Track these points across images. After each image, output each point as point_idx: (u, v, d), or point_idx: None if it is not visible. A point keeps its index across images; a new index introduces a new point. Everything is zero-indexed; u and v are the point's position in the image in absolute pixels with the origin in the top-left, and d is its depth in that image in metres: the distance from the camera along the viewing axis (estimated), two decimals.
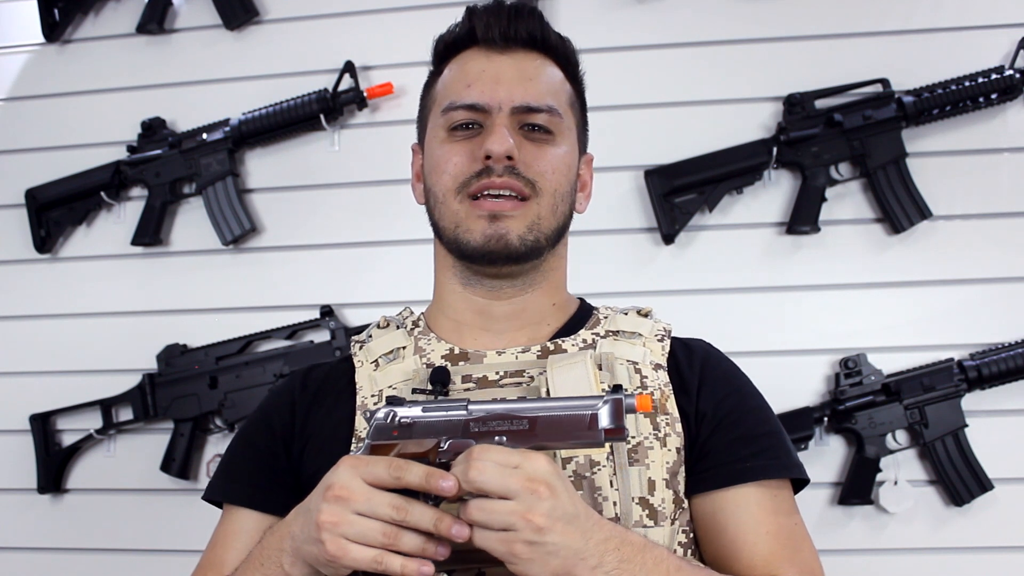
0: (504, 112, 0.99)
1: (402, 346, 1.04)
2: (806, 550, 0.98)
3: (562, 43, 1.06)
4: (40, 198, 2.04)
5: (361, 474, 0.79)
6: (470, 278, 1.03)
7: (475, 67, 1.02)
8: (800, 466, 1.00)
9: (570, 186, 1.04)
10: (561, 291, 1.09)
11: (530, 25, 1.03)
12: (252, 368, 1.92)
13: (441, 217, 1.02)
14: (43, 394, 2.01)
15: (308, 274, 1.97)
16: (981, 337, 1.78)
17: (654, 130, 1.89)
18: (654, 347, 1.02)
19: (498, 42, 1.02)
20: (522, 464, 0.77)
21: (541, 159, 1.00)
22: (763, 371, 1.81)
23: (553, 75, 1.05)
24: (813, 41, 1.87)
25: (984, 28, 1.83)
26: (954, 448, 1.73)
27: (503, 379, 0.99)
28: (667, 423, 0.97)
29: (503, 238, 0.98)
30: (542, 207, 1.00)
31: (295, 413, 1.05)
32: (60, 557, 1.99)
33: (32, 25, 2.08)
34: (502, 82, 1.00)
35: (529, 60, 1.03)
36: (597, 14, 1.93)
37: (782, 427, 1.03)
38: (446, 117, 1.02)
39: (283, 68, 2.01)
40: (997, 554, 1.75)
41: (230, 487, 1.05)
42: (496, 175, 0.98)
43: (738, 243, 1.87)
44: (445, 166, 1.01)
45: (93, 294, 2.04)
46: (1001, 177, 1.81)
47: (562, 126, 1.03)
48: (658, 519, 0.93)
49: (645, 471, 0.94)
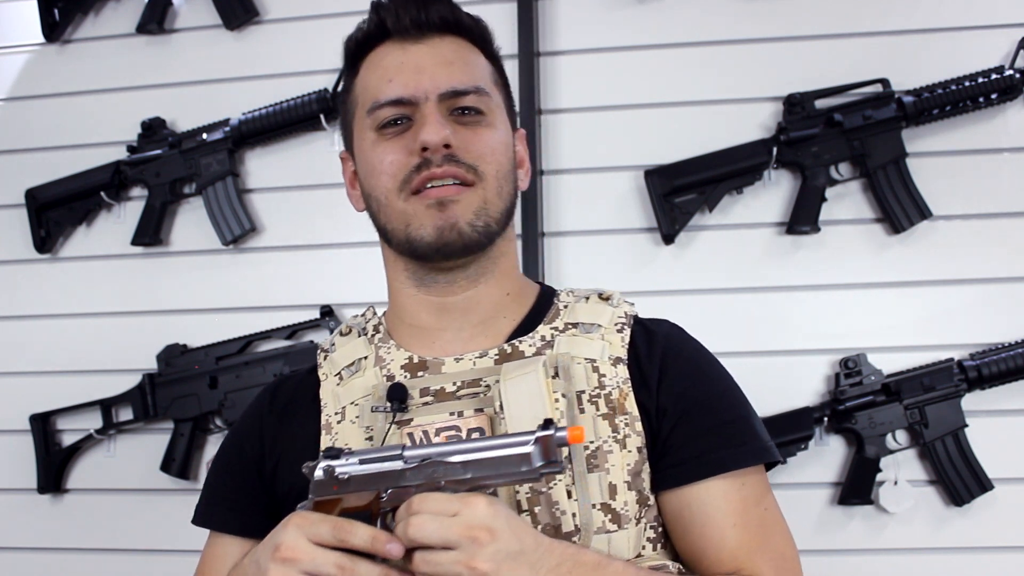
0: (432, 100, 0.96)
1: (363, 356, 1.02)
2: (777, 535, 0.96)
3: (475, 22, 1.03)
4: (40, 198, 2.04)
5: (307, 534, 0.81)
6: (423, 277, 1.01)
7: (393, 61, 0.99)
8: (767, 448, 0.97)
9: (510, 165, 1.02)
10: (513, 279, 1.05)
11: (441, 9, 1.00)
12: (252, 368, 1.92)
13: (388, 219, 0.99)
14: (43, 394, 2.01)
15: (308, 274, 1.97)
16: (981, 337, 1.78)
17: (654, 130, 1.89)
18: (613, 339, 0.99)
19: (411, 31, 0.99)
20: (461, 511, 0.78)
21: (478, 142, 0.97)
22: (763, 371, 1.84)
23: (473, 56, 1.02)
24: (813, 41, 1.87)
25: (984, 28, 1.83)
26: (954, 448, 1.73)
27: (460, 390, 0.96)
28: (626, 423, 0.95)
29: (455, 227, 0.95)
30: (488, 191, 0.97)
31: (264, 433, 1.04)
32: (60, 557, 1.99)
33: (32, 25, 2.08)
34: (424, 70, 0.97)
35: (446, 44, 1.00)
36: (597, 14, 1.93)
37: (750, 409, 1.00)
38: (372, 117, 0.99)
39: (283, 68, 2.01)
40: (997, 554, 1.75)
41: (212, 513, 1.06)
42: (436, 165, 0.95)
43: (738, 243, 1.86)
44: (381, 167, 0.97)
45: (93, 294, 2.04)
46: (1001, 177, 1.81)
47: (492, 105, 1.00)
48: (621, 522, 0.92)
49: (605, 476, 0.92)
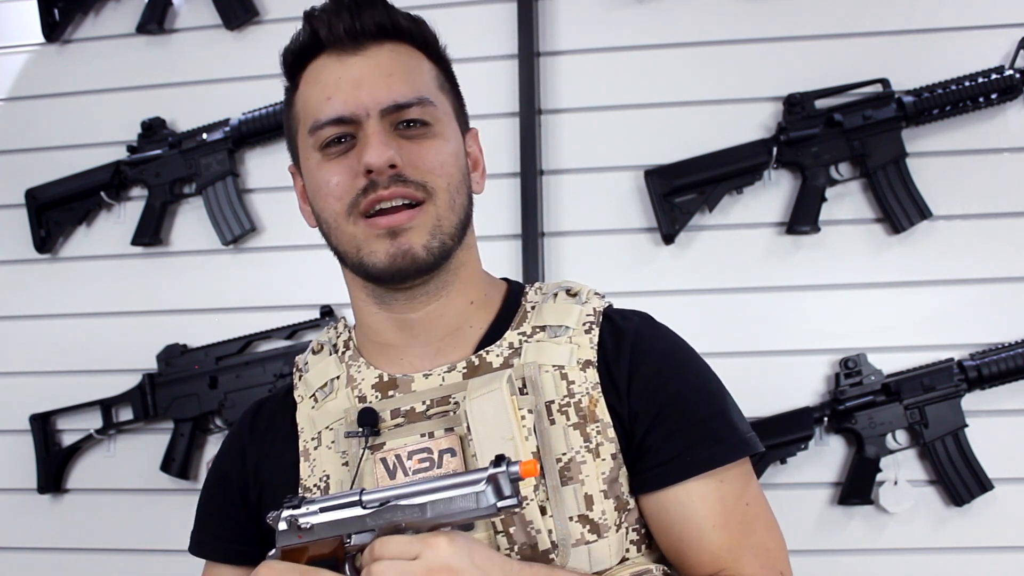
0: (374, 117, 0.91)
1: (335, 376, 1.00)
2: (760, 530, 0.94)
3: (415, 24, 0.97)
4: (40, 198, 2.04)
5: None
6: (383, 295, 0.97)
7: (331, 76, 0.94)
8: (745, 442, 0.94)
9: (462, 174, 0.97)
10: (478, 286, 1.01)
11: (376, 15, 0.94)
12: (252, 368, 1.92)
13: (339, 242, 0.95)
14: (43, 394, 2.01)
15: (308, 274, 1.97)
16: (981, 337, 1.78)
17: (654, 130, 1.89)
18: (581, 341, 0.95)
19: (347, 42, 0.94)
20: (422, 552, 0.77)
21: (425, 157, 0.93)
22: (763, 371, 1.85)
23: (415, 63, 0.96)
24: (813, 41, 1.87)
25: (984, 28, 1.83)
26: (954, 448, 1.73)
27: (430, 409, 0.94)
28: (598, 431, 0.92)
29: (408, 253, 0.91)
30: (440, 207, 0.93)
31: (246, 462, 1.04)
32: (60, 557, 1.99)
33: (32, 25, 2.08)
34: (363, 85, 0.92)
35: (384, 53, 0.94)
36: (597, 14, 1.93)
37: (727, 400, 0.97)
38: (314, 137, 0.94)
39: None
40: (997, 554, 1.75)
41: (204, 541, 1.06)
42: (383, 188, 0.90)
43: (738, 243, 1.86)
44: (327, 189, 0.93)
45: (93, 294, 2.04)
46: (1001, 177, 1.81)
47: (438, 114, 0.95)
48: (600, 532, 0.90)
49: (580, 487, 0.90)
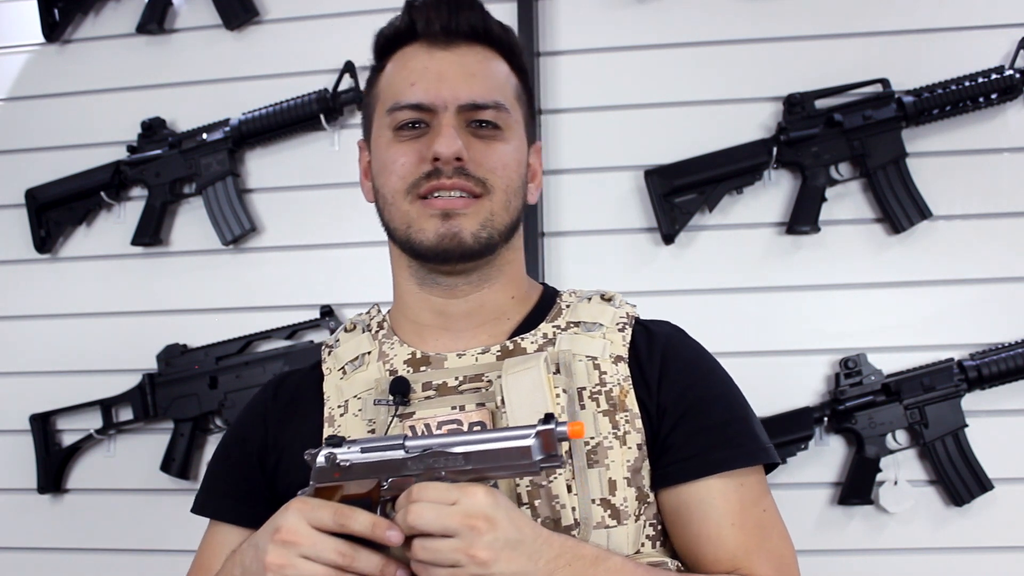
0: (450, 111, 0.97)
1: (367, 351, 1.03)
2: (775, 536, 0.96)
3: (505, 34, 1.03)
4: (40, 198, 2.03)
5: (307, 518, 0.81)
6: (425, 277, 1.01)
7: (417, 64, 0.99)
8: (767, 450, 0.98)
9: (521, 180, 1.02)
10: (519, 284, 1.06)
11: (472, 18, 1.00)
12: (252, 368, 1.92)
13: (392, 218, 1.00)
14: (43, 394, 2.01)
15: (308, 274, 1.97)
16: (981, 337, 1.78)
17: (654, 130, 1.89)
18: (615, 338, 1.00)
19: (440, 37, 0.99)
20: (460, 499, 0.79)
21: (491, 156, 0.98)
22: (763, 371, 1.84)
23: (498, 68, 1.02)
24: (813, 41, 1.87)
25: (984, 28, 1.83)
26: (954, 448, 1.73)
27: (462, 385, 0.97)
28: (626, 420, 0.95)
29: (456, 236, 0.96)
30: (495, 203, 0.98)
31: (267, 426, 1.05)
32: (60, 557, 1.99)
33: (32, 25, 2.08)
34: (446, 79, 0.97)
35: (472, 54, 1.00)
36: (597, 14, 1.93)
37: (749, 410, 1.01)
38: (391, 117, 0.99)
39: (283, 68, 2.01)
40: (997, 554, 1.75)
41: (211, 502, 1.08)
42: (446, 176, 0.96)
43: (738, 243, 1.86)
44: (393, 167, 0.98)
45: (93, 294, 2.04)
46: (1001, 177, 1.81)
47: (510, 120, 1.00)
48: (621, 518, 0.92)
49: (605, 472, 0.93)
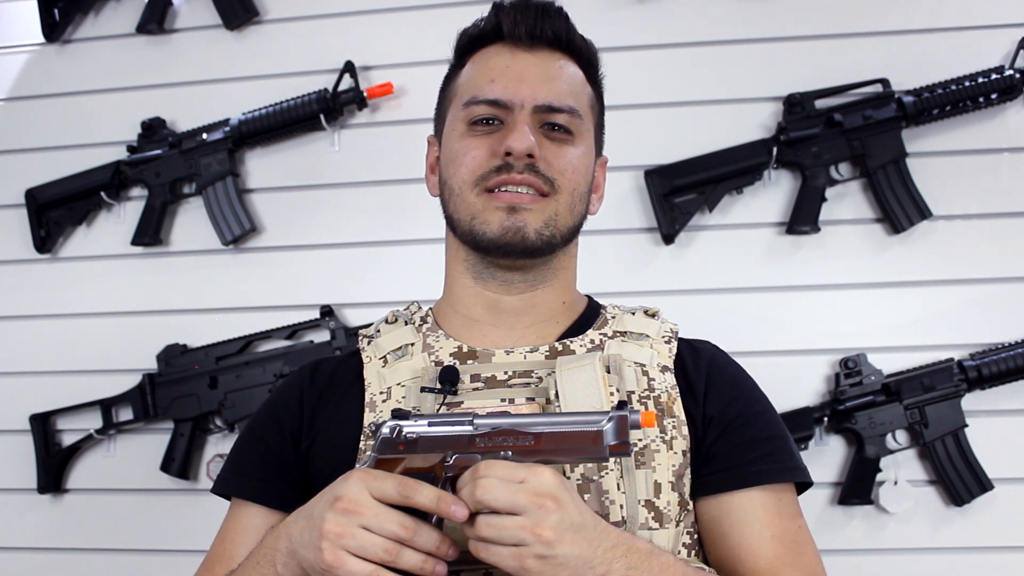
0: (526, 110, 1.00)
1: (410, 343, 1.04)
2: (809, 553, 0.98)
3: (586, 45, 1.06)
4: (40, 198, 2.04)
5: (370, 489, 0.80)
6: (482, 271, 1.03)
7: (499, 63, 1.02)
8: (804, 470, 1.01)
9: (587, 186, 1.05)
10: (571, 290, 1.09)
11: (556, 24, 1.03)
12: (252, 368, 1.92)
13: (456, 209, 1.02)
14: (43, 394, 2.01)
15: (308, 274, 1.97)
16: (981, 337, 1.78)
17: (654, 130, 1.89)
18: (661, 349, 1.02)
19: (524, 40, 1.02)
20: (528, 478, 0.78)
21: (561, 158, 1.01)
22: (763, 371, 1.81)
23: (575, 76, 1.05)
24: (813, 41, 1.87)
25: (984, 28, 1.83)
26: (954, 448, 1.73)
27: (511, 379, 0.98)
28: (674, 426, 0.97)
29: (520, 231, 0.98)
30: (560, 204, 1.00)
31: (303, 408, 1.05)
32: (60, 557, 1.99)
33: (32, 25, 2.08)
34: (526, 80, 1.01)
35: (553, 60, 1.03)
36: (597, 14, 1.93)
37: (787, 431, 1.04)
38: (467, 111, 1.02)
39: (283, 68, 2.01)
40: (997, 554, 1.75)
41: (238, 481, 1.05)
42: (516, 172, 0.98)
43: (738, 243, 1.86)
44: (463, 159, 1.01)
45: (93, 294, 2.04)
46: (1001, 177, 1.81)
47: (582, 127, 1.03)
48: (663, 521, 0.94)
49: (651, 474, 0.94)
